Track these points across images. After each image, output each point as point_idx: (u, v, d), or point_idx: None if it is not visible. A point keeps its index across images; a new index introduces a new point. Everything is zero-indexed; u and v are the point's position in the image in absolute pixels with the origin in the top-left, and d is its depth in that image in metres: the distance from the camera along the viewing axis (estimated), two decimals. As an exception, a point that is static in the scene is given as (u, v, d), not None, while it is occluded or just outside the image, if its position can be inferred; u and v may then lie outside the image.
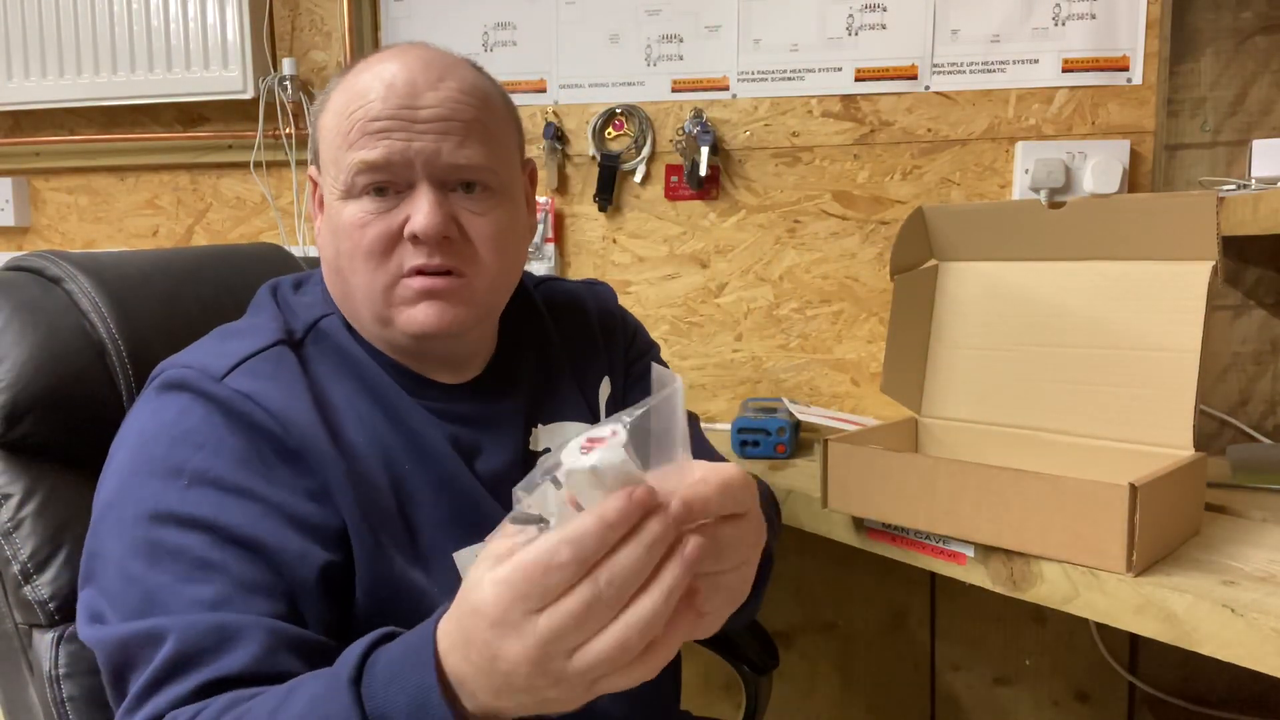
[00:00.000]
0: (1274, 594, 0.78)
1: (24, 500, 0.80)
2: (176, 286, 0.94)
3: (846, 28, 1.51)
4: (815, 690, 1.63)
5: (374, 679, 0.50)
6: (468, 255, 0.74)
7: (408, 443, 0.75)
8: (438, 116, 0.72)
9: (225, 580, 0.63)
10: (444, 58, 0.76)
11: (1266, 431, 1.39)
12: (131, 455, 0.69)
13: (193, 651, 0.59)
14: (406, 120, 0.71)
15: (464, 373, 0.82)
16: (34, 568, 0.78)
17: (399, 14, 1.64)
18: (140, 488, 0.66)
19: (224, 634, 0.60)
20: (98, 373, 0.84)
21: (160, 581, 0.63)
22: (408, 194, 0.73)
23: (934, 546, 0.96)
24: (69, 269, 0.87)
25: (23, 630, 0.80)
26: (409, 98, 0.71)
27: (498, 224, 0.75)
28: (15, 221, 1.79)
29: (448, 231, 0.72)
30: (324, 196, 0.77)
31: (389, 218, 0.72)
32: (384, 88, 0.72)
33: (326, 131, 0.75)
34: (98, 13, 1.63)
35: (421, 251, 0.72)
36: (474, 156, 0.73)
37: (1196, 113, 1.40)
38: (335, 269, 0.76)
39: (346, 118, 0.72)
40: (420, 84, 0.72)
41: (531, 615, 0.45)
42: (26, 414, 0.80)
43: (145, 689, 0.60)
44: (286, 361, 0.73)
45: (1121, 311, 1.02)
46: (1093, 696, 1.54)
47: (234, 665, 0.59)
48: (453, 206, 0.74)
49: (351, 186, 0.73)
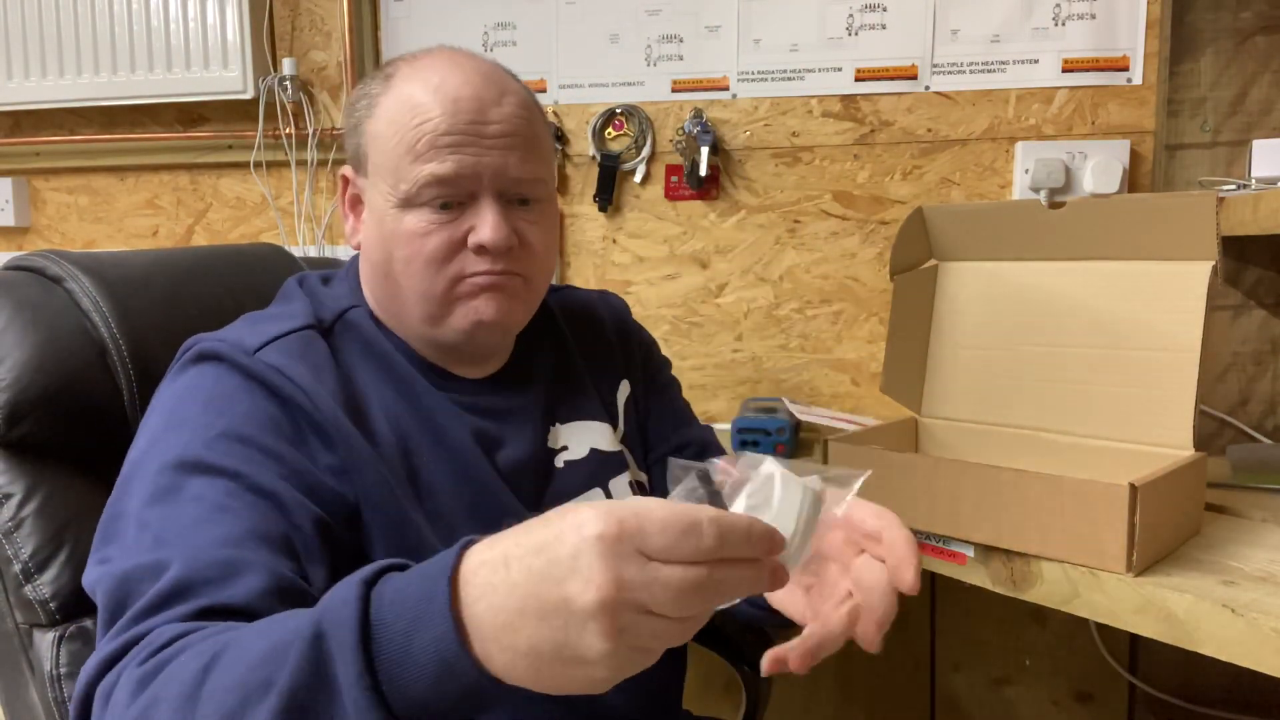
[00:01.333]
0: (1274, 594, 0.78)
1: (25, 500, 0.80)
2: (177, 286, 0.94)
3: (846, 28, 1.51)
4: (815, 690, 1.63)
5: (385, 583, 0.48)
6: (525, 260, 0.78)
7: (429, 432, 0.76)
8: (504, 132, 0.75)
9: (239, 524, 0.63)
10: (497, 71, 0.79)
11: (1266, 431, 1.39)
12: (164, 417, 0.70)
13: (195, 579, 0.59)
14: (476, 136, 0.74)
15: (485, 368, 0.84)
16: (35, 567, 0.78)
17: (399, 14, 1.64)
18: (169, 441, 0.67)
19: (229, 568, 0.59)
20: (98, 372, 0.84)
21: (172, 524, 0.63)
22: (469, 205, 0.75)
23: (934, 546, 0.96)
24: (70, 269, 0.87)
25: (23, 630, 0.79)
26: (477, 113, 0.74)
27: (548, 231, 0.80)
28: (15, 221, 1.79)
29: (511, 243, 0.76)
30: (370, 200, 0.78)
31: (452, 228, 0.75)
32: (451, 102, 0.74)
33: (381, 140, 0.76)
34: (98, 13, 1.63)
35: (485, 260, 0.75)
36: (535, 170, 0.77)
37: (1196, 113, 1.40)
38: (385, 273, 0.78)
39: (413, 129, 0.74)
40: (486, 99, 0.74)
41: (640, 555, 0.42)
42: (28, 414, 0.80)
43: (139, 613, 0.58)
44: (316, 345, 0.76)
45: (1121, 311, 1.02)
46: (1093, 696, 1.54)
47: (233, 596, 0.58)
48: (513, 218, 0.77)
49: (414, 197, 0.74)
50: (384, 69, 0.79)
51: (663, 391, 0.99)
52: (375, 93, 0.78)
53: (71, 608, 0.79)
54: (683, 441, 0.96)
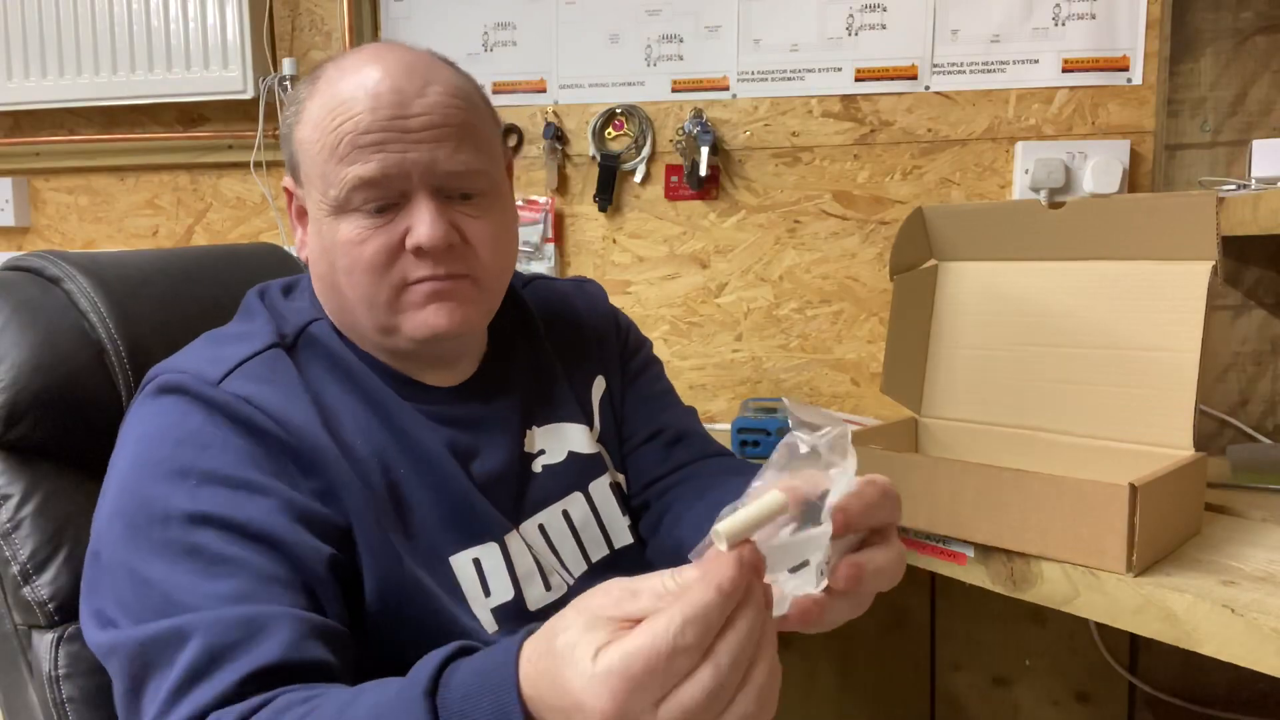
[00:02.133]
0: (1274, 594, 0.78)
1: (23, 501, 0.79)
2: (176, 286, 0.94)
3: (846, 28, 1.51)
4: (815, 690, 1.63)
5: (450, 691, 0.48)
6: (470, 259, 0.74)
7: (403, 446, 0.74)
8: (430, 125, 0.70)
9: (245, 574, 0.61)
10: (423, 59, 0.74)
11: (1266, 431, 1.39)
12: (134, 461, 0.68)
13: (223, 645, 0.57)
14: (399, 131, 0.69)
15: (455, 374, 0.81)
16: (33, 569, 0.78)
17: (399, 14, 1.64)
18: (147, 491, 0.65)
19: (252, 626, 0.58)
20: (97, 373, 0.84)
21: (177, 581, 0.61)
22: (404, 205, 0.71)
23: (934, 546, 0.96)
24: (68, 269, 0.87)
25: (22, 631, 0.79)
26: (398, 107, 0.70)
27: (495, 225, 0.75)
28: (15, 221, 1.79)
29: (451, 240, 0.72)
30: (309, 210, 0.75)
31: (388, 231, 0.71)
32: (370, 98, 0.69)
33: (307, 145, 0.73)
34: (98, 13, 1.63)
35: (425, 263, 0.71)
36: (469, 161, 0.72)
37: (1196, 113, 1.40)
38: (331, 284, 0.75)
39: (333, 131, 0.70)
40: (408, 91, 0.70)
41: (651, 709, 0.41)
42: (25, 414, 0.80)
43: (178, 687, 0.57)
44: (282, 364, 0.73)
45: (1121, 311, 1.02)
46: (1093, 696, 1.54)
47: (268, 655, 0.57)
48: (452, 214, 0.73)
49: (344, 202, 0.71)
50: (313, 72, 0.76)
51: (639, 376, 0.96)
52: (302, 97, 0.74)
53: (70, 609, 0.78)
54: (656, 428, 0.92)
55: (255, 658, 0.57)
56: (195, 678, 0.57)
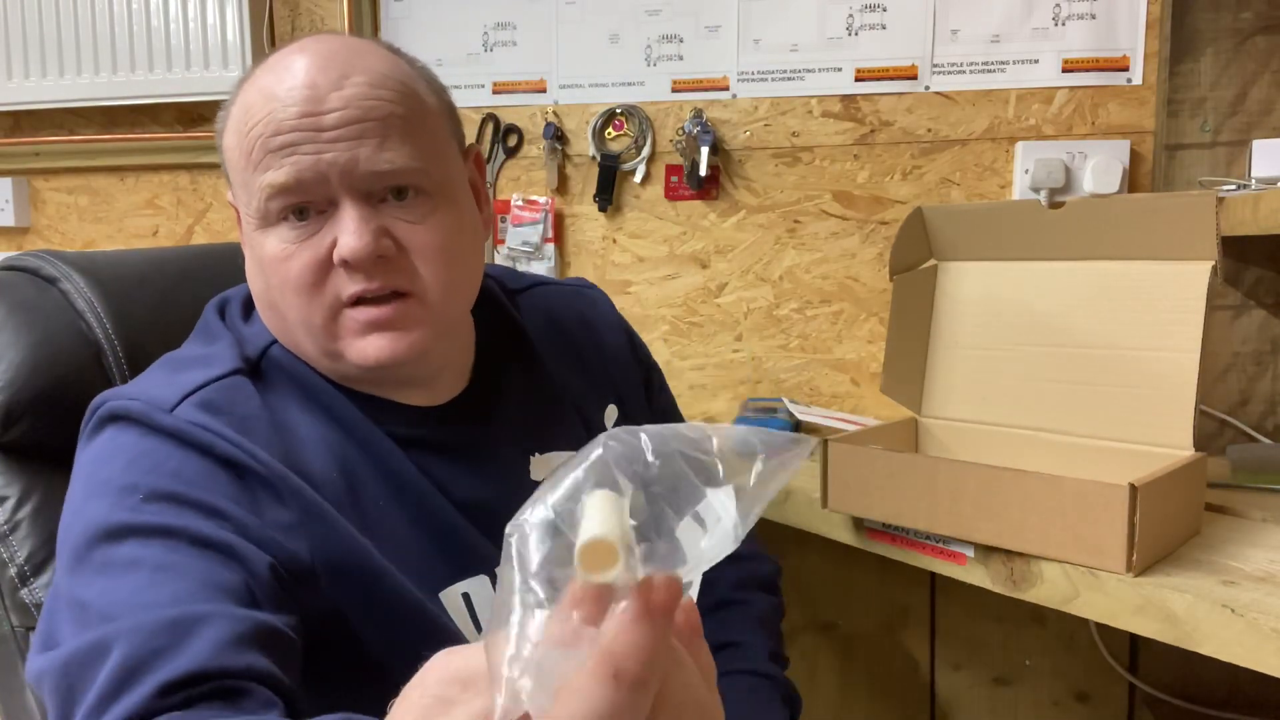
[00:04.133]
0: (1274, 594, 0.78)
1: (20, 502, 0.79)
2: (172, 286, 0.93)
3: (846, 28, 1.51)
4: (815, 690, 1.62)
5: None
6: (410, 271, 0.66)
7: (378, 474, 0.68)
8: (346, 120, 0.63)
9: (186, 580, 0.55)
10: (347, 48, 0.66)
11: (1266, 431, 1.39)
12: (82, 485, 0.62)
13: (143, 653, 0.51)
14: (311, 130, 0.62)
15: (436, 391, 0.74)
16: (31, 570, 0.77)
17: (399, 14, 1.64)
18: (90, 514, 0.59)
19: (179, 628, 0.52)
20: (94, 373, 0.83)
21: (112, 598, 0.55)
22: (331, 213, 0.64)
23: (934, 546, 0.96)
24: (64, 268, 0.86)
25: (19, 634, 0.78)
26: (310, 103, 0.62)
27: (439, 230, 0.67)
28: (15, 222, 1.79)
29: (381, 250, 0.64)
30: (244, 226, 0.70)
31: (314, 244, 0.64)
32: (282, 94, 0.63)
33: (230, 152, 0.67)
34: (98, 13, 1.63)
35: (357, 277, 0.64)
36: (397, 159, 0.64)
37: (1196, 113, 1.40)
38: (268, 304, 0.69)
39: (246, 135, 0.64)
40: (321, 84, 0.62)
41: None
42: (23, 415, 0.79)
43: (94, 707, 0.50)
44: (243, 391, 0.66)
45: (1121, 311, 1.01)
46: (1093, 696, 1.54)
47: (192, 661, 0.51)
48: (384, 219, 0.65)
49: (266, 213, 0.65)
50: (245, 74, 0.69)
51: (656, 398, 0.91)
52: (229, 102, 0.68)
53: None
54: None
55: (175, 665, 0.51)
56: (108, 697, 0.50)
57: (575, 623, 0.29)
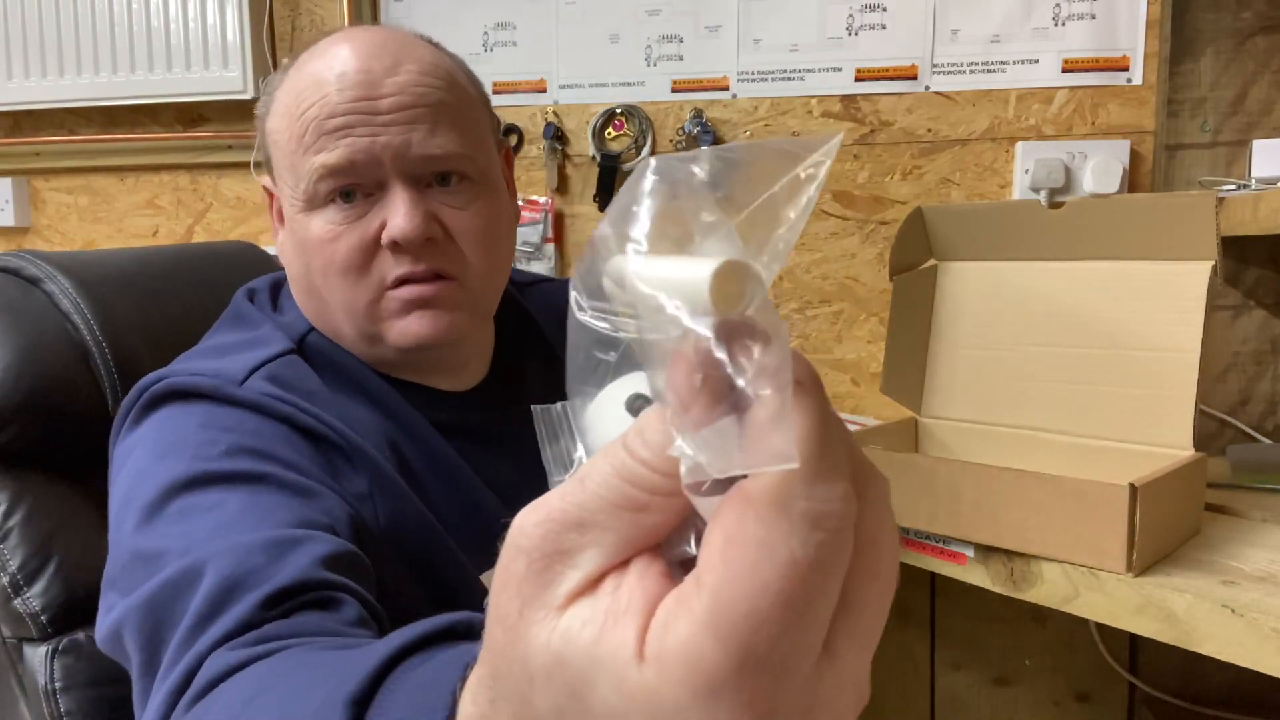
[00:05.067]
0: (1274, 594, 0.78)
1: (10, 510, 0.77)
2: (156, 286, 0.90)
3: (846, 28, 1.51)
4: (815, 690, 1.62)
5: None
6: (454, 255, 0.67)
7: (423, 459, 0.69)
8: (401, 105, 0.64)
9: (275, 515, 0.54)
10: (397, 38, 0.69)
11: (1266, 431, 1.39)
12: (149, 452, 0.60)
13: (241, 573, 0.49)
14: (367, 113, 0.63)
15: (463, 378, 0.76)
16: (24, 579, 0.75)
17: (399, 14, 1.64)
18: (164, 467, 0.58)
19: (275, 548, 0.51)
20: (82, 376, 0.80)
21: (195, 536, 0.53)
22: (379, 196, 0.65)
23: (934, 546, 0.96)
24: (48, 269, 0.83)
25: (11, 645, 0.76)
26: (365, 87, 0.64)
27: (482, 216, 0.68)
28: (15, 222, 1.78)
29: (430, 232, 0.65)
30: (285, 209, 0.70)
31: (362, 226, 0.65)
32: (335, 79, 0.64)
33: (277, 136, 0.68)
34: (98, 13, 1.63)
35: (404, 259, 0.65)
36: (448, 144, 0.66)
37: (1196, 113, 1.40)
38: (306, 288, 0.69)
39: (298, 118, 0.65)
40: (376, 70, 0.64)
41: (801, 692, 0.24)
42: (11, 420, 0.77)
43: (189, 634, 0.48)
44: (302, 369, 0.67)
45: (1121, 311, 1.01)
46: (1093, 696, 1.54)
47: (291, 575, 0.49)
48: (431, 203, 0.66)
49: (314, 195, 0.65)
50: (289, 60, 0.71)
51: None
52: (273, 87, 0.69)
53: (64, 620, 0.76)
54: None
55: (274, 581, 0.49)
56: (210, 615, 0.49)
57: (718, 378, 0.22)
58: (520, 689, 0.24)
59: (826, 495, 0.22)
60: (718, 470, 0.22)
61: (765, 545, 0.21)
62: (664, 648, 0.21)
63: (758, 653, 0.21)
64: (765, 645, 0.21)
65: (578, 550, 0.24)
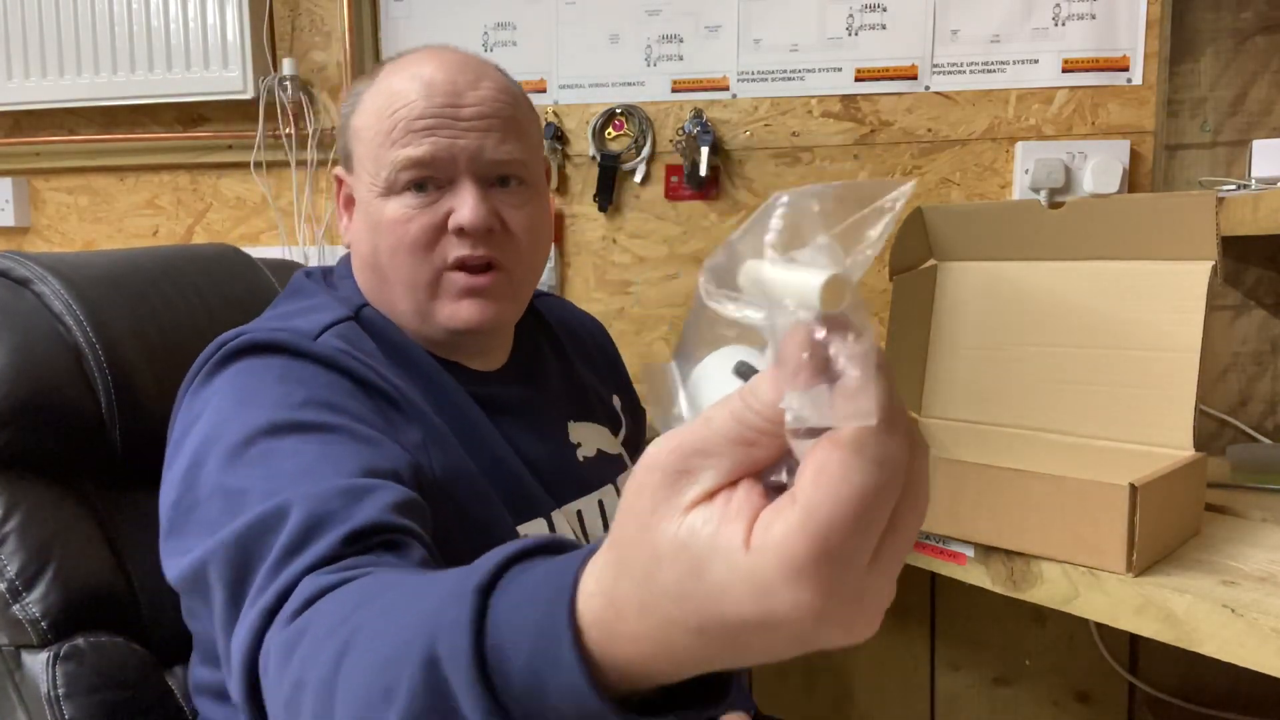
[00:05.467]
0: (1274, 594, 0.78)
1: (6, 515, 0.76)
2: (145, 288, 0.89)
3: (846, 28, 1.51)
4: (815, 690, 1.62)
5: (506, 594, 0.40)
6: (508, 246, 0.78)
7: (460, 420, 0.76)
8: (480, 114, 0.75)
9: (348, 463, 0.61)
10: (475, 59, 0.80)
11: (1266, 431, 1.39)
12: (230, 399, 0.67)
13: (323, 513, 0.56)
14: (450, 118, 0.75)
15: (491, 359, 0.85)
16: (22, 585, 0.75)
17: (399, 14, 1.64)
18: (246, 414, 0.64)
19: (350, 494, 0.58)
20: (76, 379, 0.80)
21: (280, 476, 0.60)
22: (448, 189, 0.76)
23: (934, 546, 0.96)
24: (37, 270, 0.82)
25: (8, 653, 0.76)
26: (451, 96, 0.75)
27: (533, 216, 0.80)
28: (15, 222, 1.78)
29: (491, 224, 0.76)
30: (357, 194, 0.79)
31: (432, 211, 0.75)
32: (425, 87, 0.75)
33: (363, 131, 0.78)
34: (98, 13, 1.63)
35: (465, 243, 0.75)
36: (513, 152, 0.77)
37: (1196, 113, 1.40)
38: (372, 265, 0.78)
39: (388, 116, 0.75)
40: (461, 84, 0.76)
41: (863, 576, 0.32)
42: (6, 424, 0.76)
43: (277, 563, 0.54)
44: (360, 333, 0.76)
45: (1121, 311, 1.02)
46: (1093, 696, 1.54)
47: (367, 517, 0.56)
48: (493, 200, 0.77)
49: (393, 183, 0.75)
50: (373, 70, 0.81)
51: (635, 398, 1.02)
52: (361, 90, 0.80)
53: (64, 626, 0.76)
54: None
55: (352, 521, 0.56)
56: (298, 546, 0.55)
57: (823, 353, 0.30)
58: (646, 568, 0.33)
59: (890, 445, 0.30)
60: (815, 421, 0.30)
61: (845, 476, 0.29)
62: (765, 541, 0.30)
63: (830, 550, 0.29)
64: (836, 546, 0.29)
65: (700, 470, 0.32)
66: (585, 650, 0.35)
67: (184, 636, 0.86)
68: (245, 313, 0.99)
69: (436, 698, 0.39)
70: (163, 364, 0.87)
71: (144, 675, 0.81)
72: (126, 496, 0.85)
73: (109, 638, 0.80)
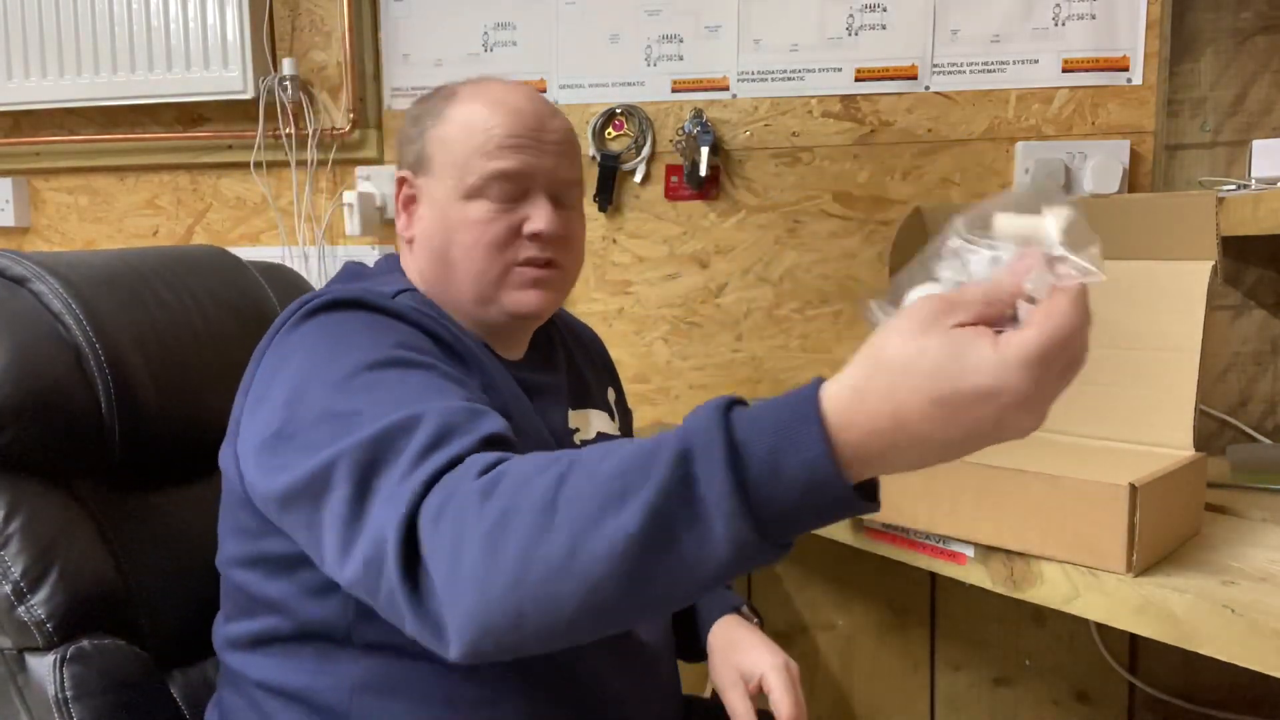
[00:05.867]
0: (1274, 594, 0.78)
1: (9, 516, 0.75)
2: (139, 288, 0.89)
3: (846, 28, 1.51)
4: (815, 690, 1.63)
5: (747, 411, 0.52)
6: (565, 250, 0.89)
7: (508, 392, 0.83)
8: (558, 141, 0.88)
9: (454, 393, 0.68)
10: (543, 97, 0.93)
11: (1266, 431, 1.39)
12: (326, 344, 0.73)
13: (453, 423, 0.63)
14: (536, 141, 0.86)
15: (516, 351, 0.93)
16: (27, 587, 0.74)
17: (399, 14, 1.64)
18: (346, 354, 0.70)
19: (474, 412, 0.65)
20: (75, 378, 0.79)
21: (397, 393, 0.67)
22: (523, 200, 0.86)
23: (934, 546, 0.96)
24: (34, 268, 0.81)
25: (12, 656, 0.75)
26: (539, 120, 0.87)
27: (580, 226, 0.93)
28: (15, 222, 1.79)
29: (561, 232, 0.87)
30: (431, 194, 0.88)
31: (509, 216, 0.85)
32: (516, 113, 0.87)
33: (449, 142, 0.87)
34: (98, 13, 1.63)
35: (536, 246, 0.86)
36: (576, 174, 0.91)
37: (1196, 113, 1.40)
38: (442, 257, 0.87)
39: (482, 132, 0.86)
40: (544, 114, 0.89)
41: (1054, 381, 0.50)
42: (7, 425, 0.75)
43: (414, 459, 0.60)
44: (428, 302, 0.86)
45: (1121, 311, 1.01)
46: (1093, 696, 1.54)
47: (493, 428, 0.64)
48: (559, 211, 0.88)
49: (480, 189, 0.85)
50: (444, 90, 0.91)
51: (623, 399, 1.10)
52: (441, 106, 0.89)
53: (68, 628, 0.75)
54: None
55: (482, 431, 0.63)
56: (433, 446, 0.61)
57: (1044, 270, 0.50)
58: (908, 359, 0.49)
59: (1085, 306, 0.48)
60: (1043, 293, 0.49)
61: (1064, 315, 0.47)
62: (1008, 344, 0.47)
63: (1048, 354, 0.47)
64: (1052, 353, 0.47)
65: (959, 310, 0.49)
66: (826, 428, 0.50)
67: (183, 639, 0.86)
68: (237, 314, 0.99)
69: (682, 487, 0.50)
70: (159, 363, 0.87)
71: (146, 677, 0.81)
72: (125, 497, 0.85)
73: (111, 640, 0.79)
